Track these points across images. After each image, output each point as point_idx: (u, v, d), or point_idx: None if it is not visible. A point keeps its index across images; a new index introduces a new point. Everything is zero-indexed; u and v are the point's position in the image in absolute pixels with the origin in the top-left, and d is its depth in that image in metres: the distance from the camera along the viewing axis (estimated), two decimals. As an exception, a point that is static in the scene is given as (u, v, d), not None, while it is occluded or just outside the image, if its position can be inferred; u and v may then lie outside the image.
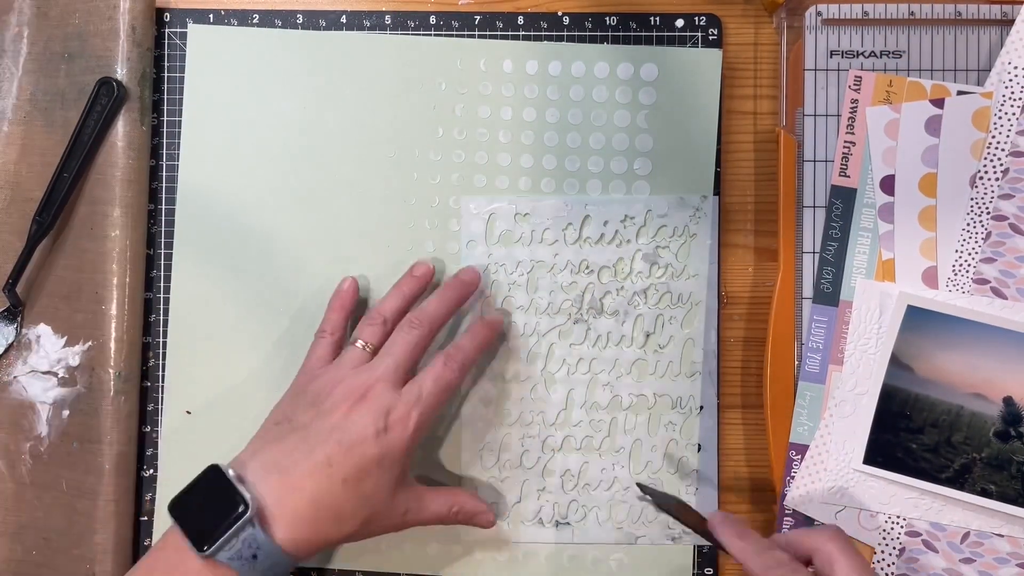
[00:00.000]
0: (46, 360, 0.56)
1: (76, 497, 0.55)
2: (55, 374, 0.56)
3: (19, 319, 0.57)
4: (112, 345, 0.55)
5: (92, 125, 0.55)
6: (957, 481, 0.52)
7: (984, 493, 0.52)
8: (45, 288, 0.57)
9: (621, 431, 0.56)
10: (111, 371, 0.55)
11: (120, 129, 0.55)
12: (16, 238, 0.56)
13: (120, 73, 0.55)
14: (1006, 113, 0.53)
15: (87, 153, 0.55)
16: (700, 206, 0.56)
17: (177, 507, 0.46)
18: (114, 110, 0.55)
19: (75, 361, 0.55)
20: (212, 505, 0.45)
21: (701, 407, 0.56)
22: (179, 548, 0.45)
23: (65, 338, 0.56)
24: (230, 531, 0.44)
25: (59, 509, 0.55)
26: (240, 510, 0.44)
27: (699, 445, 0.56)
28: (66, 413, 0.56)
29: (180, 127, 0.58)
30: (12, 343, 0.56)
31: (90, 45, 0.55)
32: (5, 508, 0.57)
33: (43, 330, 0.56)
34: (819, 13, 0.55)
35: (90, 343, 0.55)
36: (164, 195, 0.58)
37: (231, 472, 0.46)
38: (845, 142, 0.54)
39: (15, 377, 0.56)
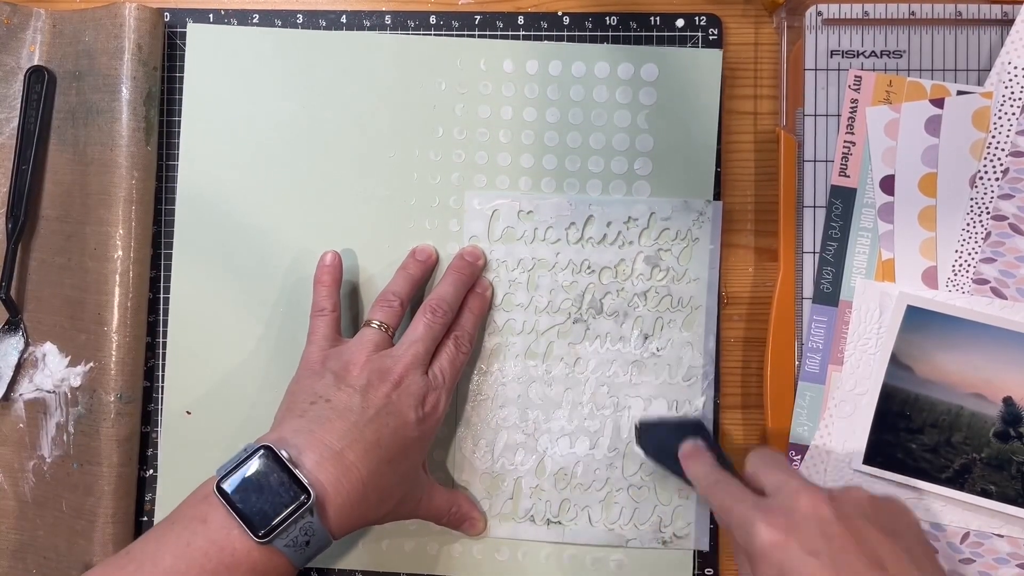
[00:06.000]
0: (50, 379, 0.56)
1: (75, 518, 0.55)
2: (58, 394, 0.56)
3: (22, 328, 0.56)
4: (113, 367, 0.55)
5: (34, 115, 0.55)
6: (957, 481, 0.52)
7: (984, 493, 0.52)
8: (52, 307, 0.56)
9: (617, 432, 0.56)
10: (112, 393, 0.54)
11: (124, 149, 0.55)
12: (24, 254, 0.57)
13: (124, 92, 0.54)
14: (1006, 113, 0.53)
15: (38, 142, 0.55)
16: (703, 210, 0.56)
17: (230, 489, 0.44)
18: (50, 95, 0.56)
19: (77, 382, 0.55)
20: (271, 490, 0.44)
21: (697, 411, 0.56)
22: (225, 527, 0.43)
23: (69, 357, 0.56)
24: (291, 519, 0.43)
25: (59, 529, 0.55)
26: (302, 498, 0.44)
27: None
28: (68, 433, 0.55)
29: (180, 127, 0.58)
30: (24, 353, 0.56)
31: (98, 63, 0.55)
32: (7, 525, 0.56)
33: (49, 348, 0.56)
34: (819, 13, 0.55)
35: (91, 364, 0.55)
36: (164, 195, 0.58)
37: (284, 454, 0.45)
38: (845, 142, 0.54)
39: (20, 395, 0.56)
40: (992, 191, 0.53)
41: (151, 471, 0.57)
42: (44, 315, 0.56)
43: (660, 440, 0.54)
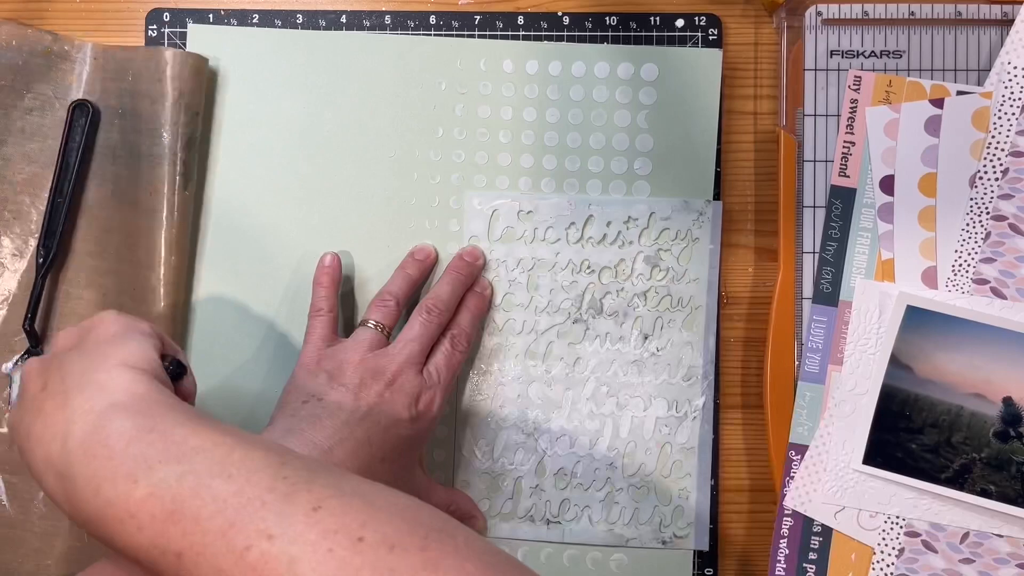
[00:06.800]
0: None
1: (88, 548, 0.54)
2: None
3: None
4: None
5: (75, 149, 0.55)
6: (957, 481, 0.52)
7: (984, 493, 0.52)
8: None
9: (616, 432, 0.56)
10: None
11: (163, 195, 0.54)
12: (52, 286, 0.56)
13: (166, 138, 0.54)
14: (1006, 113, 0.53)
15: (76, 176, 0.55)
16: (703, 210, 0.56)
17: None
18: (92, 130, 0.55)
19: None
20: None
21: (697, 411, 0.56)
22: None
23: None
24: None
25: (71, 557, 0.54)
26: None
27: (694, 449, 0.56)
28: None
29: (180, 127, 0.58)
30: None
31: (140, 105, 0.54)
32: (20, 555, 0.55)
33: None
34: (819, 13, 0.55)
35: None
36: (164, 195, 0.58)
37: None
38: (845, 142, 0.54)
39: None
40: (992, 191, 0.53)
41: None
42: None
43: None
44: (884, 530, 0.53)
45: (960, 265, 0.53)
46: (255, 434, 0.39)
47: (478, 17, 0.58)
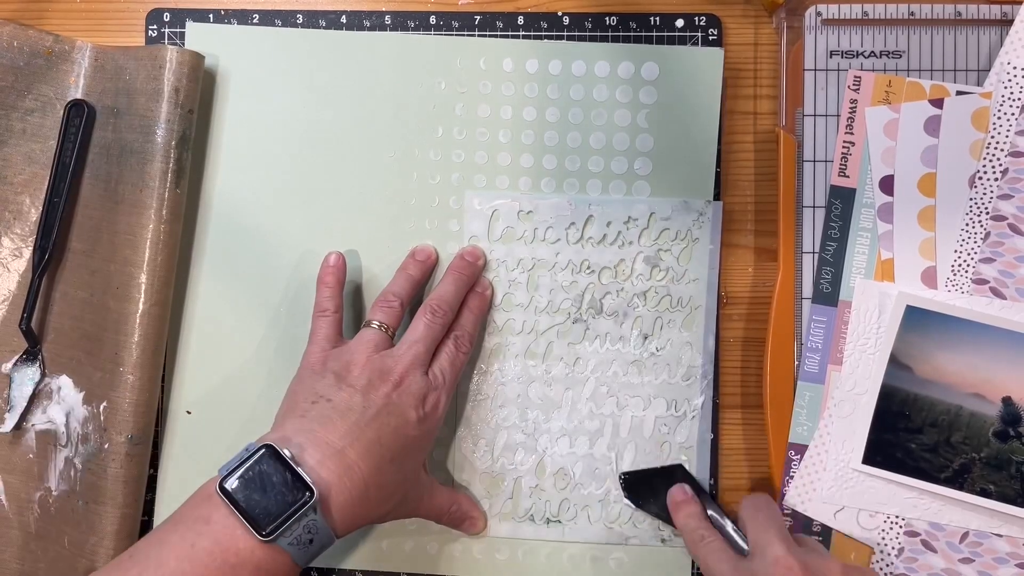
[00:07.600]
0: (63, 412, 0.55)
1: (76, 556, 0.54)
2: (69, 428, 0.55)
3: (40, 358, 0.56)
4: (126, 408, 0.53)
5: (70, 149, 0.55)
6: (956, 481, 0.52)
7: (983, 493, 0.52)
8: (71, 340, 0.55)
9: (616, 431, 0.56)
10: (123, 434, 0.53)
11: (154, 192, 0.53)
12: (49, 284, 0.56)
13: (159, 135, 0.53)
14: (1005, 113, 0.53)
15: (72, 175, 0.55)
16: (703, 210, 0.56)
17: (232, 488, 0.44)
18: (88, 129, 0.55)
19: (90, 419, 0.54)
20: (274, 488, 0.44)
21: (696, 411, 0.56)
22: (229, 527, 0.43)
23: (83, 393, 0.55)
24: (294, 517, 0.44)
25: (61, 564, 0.55)
26: (306, 496, 0.44)
27: (693, 448, 0.56)
28: (76, 469, 0.54)
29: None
30: (39, 384, 0.55)
31: (136, 103, 0.54)
32: (10, 555, 0.56)
33: (64, 382, 0.55)
34: (819, 13, 0.55)
35: (104, 403, 0.54)
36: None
37: (287, 453, 0.45)
38: (844, 142, 0.54)
39: (32, 424, 0.56)
40: (991, 191, 0.53)
41: (151, 471, 0.57)
42: (63, 348, 0.56)
43: (647, 488, 0.55)
44: (884, 530, 0.53)
45: (960, 265, 0.53)
46: None
47: (478, 17, 0.58)
